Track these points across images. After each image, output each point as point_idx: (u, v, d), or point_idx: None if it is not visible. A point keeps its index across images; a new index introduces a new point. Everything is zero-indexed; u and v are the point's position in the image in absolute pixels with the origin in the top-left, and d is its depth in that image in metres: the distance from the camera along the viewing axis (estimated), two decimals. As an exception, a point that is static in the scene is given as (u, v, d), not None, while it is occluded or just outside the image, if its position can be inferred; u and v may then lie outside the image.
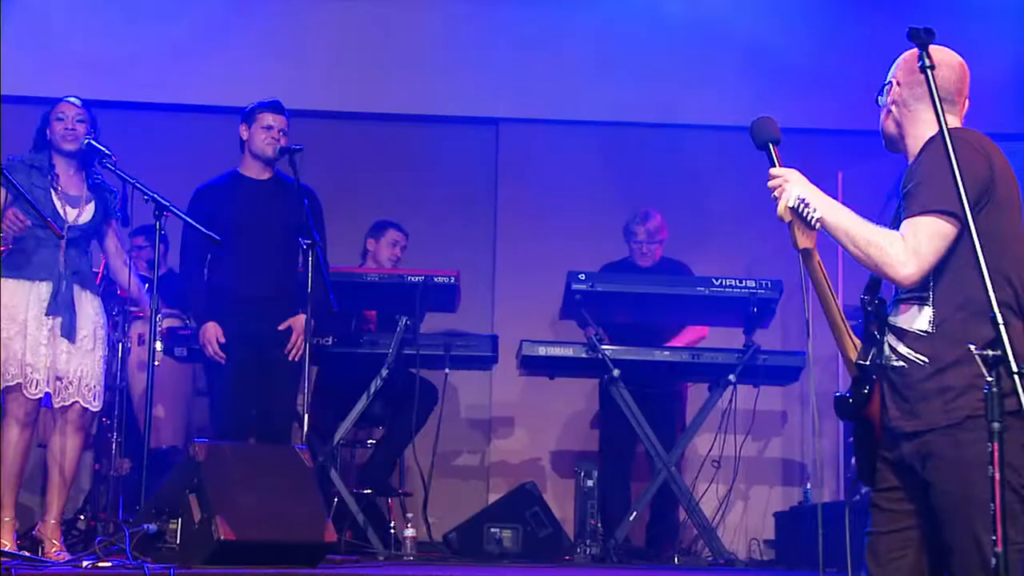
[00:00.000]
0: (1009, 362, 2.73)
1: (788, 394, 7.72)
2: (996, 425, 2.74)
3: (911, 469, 3.12)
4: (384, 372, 6.28)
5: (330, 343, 6.31)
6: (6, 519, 5.12)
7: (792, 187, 3.15)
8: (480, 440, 7.86)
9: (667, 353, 6.61)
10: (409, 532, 6.16)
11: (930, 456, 3.06)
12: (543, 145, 8.07)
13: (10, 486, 5.15)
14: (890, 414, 3.17)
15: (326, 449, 6.28)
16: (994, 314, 2.77)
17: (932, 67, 2.97)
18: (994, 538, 2.76)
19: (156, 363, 5.21)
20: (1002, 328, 2.77)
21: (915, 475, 3.11)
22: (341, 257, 6.71)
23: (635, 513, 6.53)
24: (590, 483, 6.43)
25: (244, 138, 5.96)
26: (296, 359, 5.76)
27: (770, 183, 3.19)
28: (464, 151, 8.13)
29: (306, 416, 5.48)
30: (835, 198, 3.19)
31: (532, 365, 6.59)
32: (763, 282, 6.42)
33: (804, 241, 3.17)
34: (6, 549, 4.96)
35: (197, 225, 5.31)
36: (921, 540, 3.17)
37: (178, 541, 4.58)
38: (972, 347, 2.89)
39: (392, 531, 6.36)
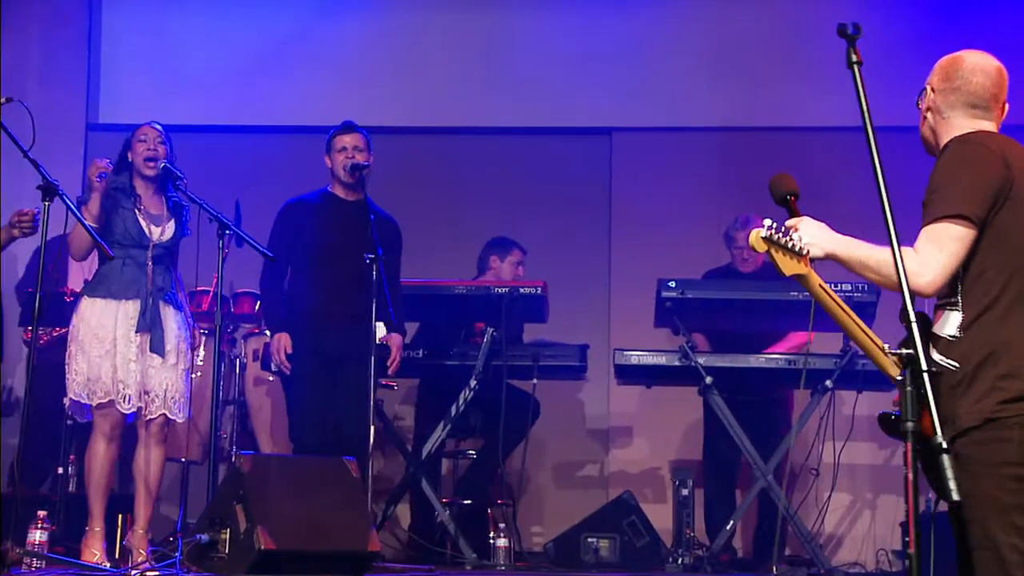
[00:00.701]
0: (921, 366, 2.72)
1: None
2: (910, 424, 2.73)
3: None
4: (473, 383, 6.24)
5: (420, 355, 6.33)
6: (96, 529, 5.27)
7: (804, 229, 3.11)
8: (599, 450, 7.74)
9: (762, 359, 6.38)
10: (501, 542, 6.05)
11: (958, 459, 2.90)
12: (656, 153, 7.92)
13: (98, 497, 5.28)
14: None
15: (418, 460, 6.30)
16: (906, 312, 2.78)
17: (859, 63, 2.95)
18: (1014, 540, 2.89)
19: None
20: (914, 327, 2.76)
21: None
22: (459, 270, 6.82)
23: (732, 523, 6.32)
24: (685, 492, 6.25)
25: (328, 166, 6.00)
26: (392, 373, 5.80)
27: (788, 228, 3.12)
28: (578, 161, 8.05)
29: (372, 428, 5.46)
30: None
31: (626, 374, 6.47)
32: (859, 285, 6.12)
33: (790, 268, 3.09)
34: (96, 558, 5.12)
35: (253, 242, 5.35)
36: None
37: (226, 551, 4.63)
38: (886, 347, 2.97)
39: (492, 540, 6.23)
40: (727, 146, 7.95)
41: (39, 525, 5.06)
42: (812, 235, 3.13)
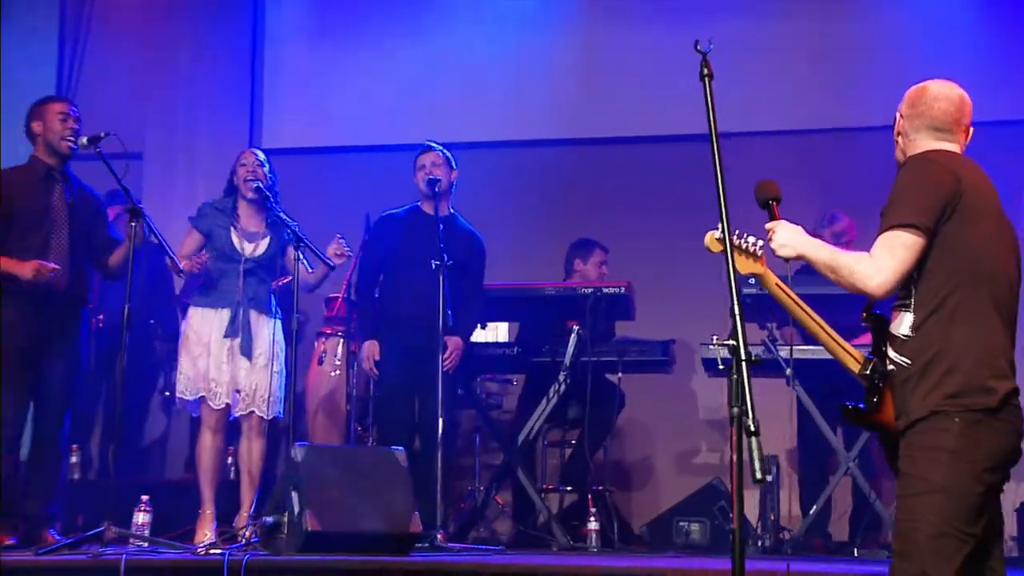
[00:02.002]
0: (741, 356, 2.84)
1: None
2: (735, 410, 2.80)
3: None
4: (562, 377, 6.33)
5: (515, 353, 6.47)
6: (207, 512, 5.57)
7: (781, 231, 3.29)
8: (718, 439, 7.67)
9: (837, 350, 6.21)
10: (592, 526, 6.09)
11: (906, 447, 3.12)
12: (768, 155, 7.70)
13: (208, 483, 5.59)
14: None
15: (513, 450, 6.45)
16: (734, 307, 2.90)
17: (710, 76, 3.12)
18: (931, 517, 2.98)
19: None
20: (738, 320, 2.89)
21: None
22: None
23: (815, 508, 6.20)
24: (768, 478, 6.21)
25: (416, 182, 6.15)
26: (450, 372, 5.87)
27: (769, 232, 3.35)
28: (690, 166, 7.96)
29: (440, 420, 5.59)
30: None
31: (712, 367, 6.40)
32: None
33: (745, 267, 3.31)
34: (207, 538, 5.39)
35: (318, 252, 5.53)
36: None
37: (285, 532, 4.82)
38: (715, 338, 3.29)
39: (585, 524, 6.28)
40: (809, 148, 7.81)
41: (142, 508, 5.46)
42: (787, 237, 3.30)
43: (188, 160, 8.10)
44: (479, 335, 6.68)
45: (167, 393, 6.98)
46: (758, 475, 2.73)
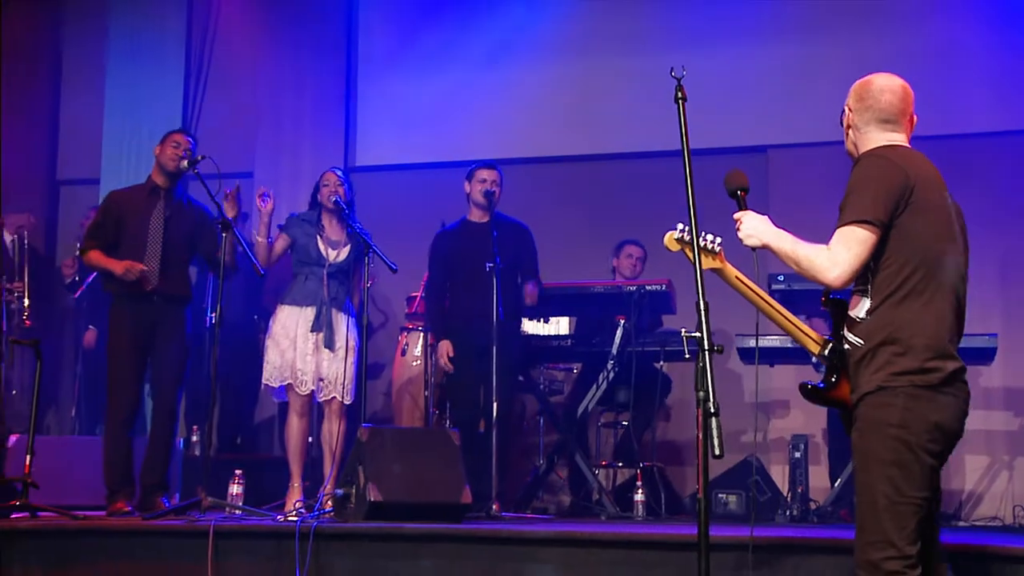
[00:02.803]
0: (705, 346, 2.99)
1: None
2: (701, 393, 2.91)
3: None
4: (610, 365, 6.36)
5: (569, 344, 6.52)
6: (295, 485, 5.72)
7: (747, 221, 3.28)
8: (761, 420, 7.59)
9: (858, 339, 6.14)
10: (638, 497, 6.12)
11: (856, 420, 3.13)
12: (811, 168, 7.60)
13: (296, 459, 5.72)
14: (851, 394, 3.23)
15: (567, 429, 6.50)
16: (699, 301, 3.03)
17: (683, 99, 3.20)
18: (886, 489, 2.99)
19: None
20: (702, 314, 3.02)
21: None
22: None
23: (839, 481, 6.14)
24: (797, 455, 6.24)
25: (467, 192, 6.19)
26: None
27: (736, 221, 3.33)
28: (716, 178, 7.87)
29: (495, 404, 5.65)
30: None
31: (748, 355, 6.38)
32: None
33: (706, 263, 3.28)
34: (295, 507, 5.48)
35: (385, 259, 5.61)
36: None
37: (353, 503, 4.97)
38: (684, 331, 3.12)
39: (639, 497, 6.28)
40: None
41: (236, 481, 5.64)
42: (753, 227, 3.28)
43: (292, 177, 8.25)
44: (542, 328, 6.74)
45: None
46: (716, 451, 2.78)
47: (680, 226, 3.27)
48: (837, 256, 3.06)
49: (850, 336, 3.16)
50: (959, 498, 6.87)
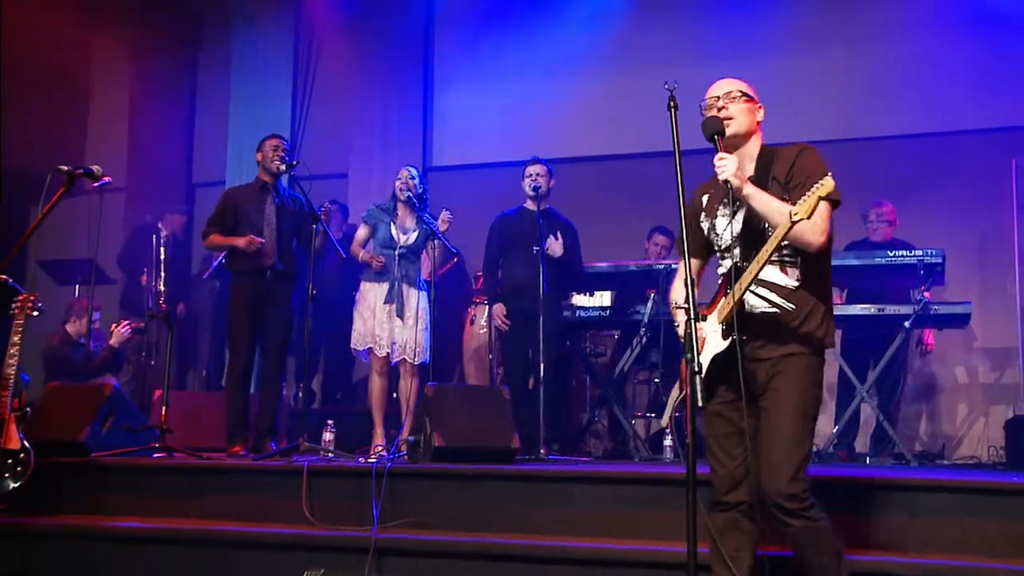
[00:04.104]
0: (692, 315, 2.90)
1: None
2: (688, 355, 2.89)
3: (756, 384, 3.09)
4: (642, 331, 6.32)
5: (608, 315, 6.52)
6: (378, 432, 5.78)
7: (732, 163, 3.09)
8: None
9: (859, 308, 6.01)
10: (667, 442, 6.10)
11: (782, 371, 3.04)
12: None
13: (378, 411, 5.80)
14: (750, 346, 3.09)
15: (607, 384, 6.49)
16: (687, 277, 2.92)
17: (675, 107, 3.08)
18: (810, 438, 3.05)
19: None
20: (690, 288, 2.91)
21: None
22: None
23: (837, 427, 6.07)
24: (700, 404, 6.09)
25: (523, 186, 6.17)
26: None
27: (716, 163, 3.12)
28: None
29: (542, 365, 5.65)
30: None
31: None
32: (929, 250, 5.72)
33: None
34: (379, 450, 5.58)
35: (448, 244, 5.67)
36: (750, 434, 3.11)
37: (421, 447, 5.04)
38: (674, 304, 3.19)
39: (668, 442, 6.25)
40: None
41: (328, 429, 5.74)
42: (733, 169, 3.07)
43: (381, 176, 8.29)
44: (587, 301, 6.73)
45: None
46: (700, 403, 2.76)
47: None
48: (823, 226, 2.99)
49: (778, 300, 3.08)
50: (944, 441, 6.73)
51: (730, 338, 3.05)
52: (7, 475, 4.67)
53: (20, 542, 4.60)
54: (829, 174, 2.90)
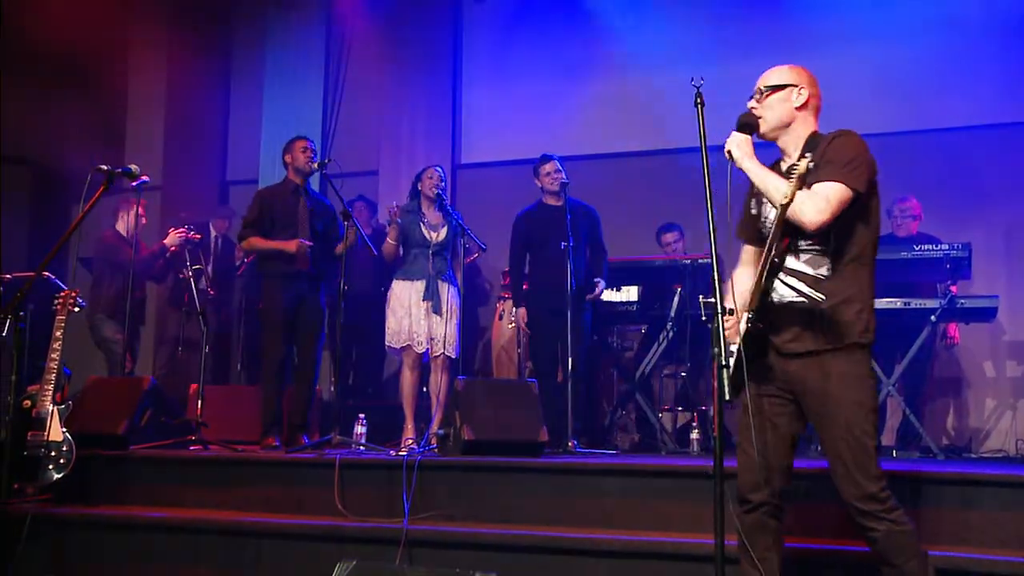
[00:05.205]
0: (718, 309, 2.87)
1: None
2: (715, 350, 2.81)
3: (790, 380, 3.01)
4: (669, 326, 6.30)
5: (635, 309, 6.49)
6: (409, 425, 5.80)
7: (734, 137, 3.04)
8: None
9: (885, 302, 5.92)
10: (694, 435, 6.06)
11: (820, 369, 2.95)
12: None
13: (409, 405, 5.81)
14: (780, 338, 3.02)
15: (634, 379, 6.47)
16: (713, 273, 2.91)
17: (702, 104, 3.03)
18: (872, 432, 2.92)
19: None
20: (717, 283, 2.90)
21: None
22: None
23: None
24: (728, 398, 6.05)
25: (538, 185, 6.14)
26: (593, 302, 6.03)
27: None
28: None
29: (570, 360, 5.65)
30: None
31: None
32: (955, 244, 5.64)
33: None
34: (410, 443, 5.62)
35: (476, 239, 5.70)
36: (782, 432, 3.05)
37: (451, 441, 5.05)
38: (701, 298, 2.97)
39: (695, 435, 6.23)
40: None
41: (360, 423, 5.75)
42: (737, 143, 3.03)
43: (410, 173, 8.26)
44: (614, 296, 6.71)
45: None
46: (726, 396, 2.74)
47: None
48: (821, 205, 2.87)
49: (807, 290, 2.98)
50: (971, 435, 6.66)
51: (747, 323, 2.97)
52: (51, 467, 4.76)
53: (62, 531, 4.67)
54: (808, 156, 2.88)
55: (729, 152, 3.01)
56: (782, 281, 3.03)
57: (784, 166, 3.09)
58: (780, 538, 3.11)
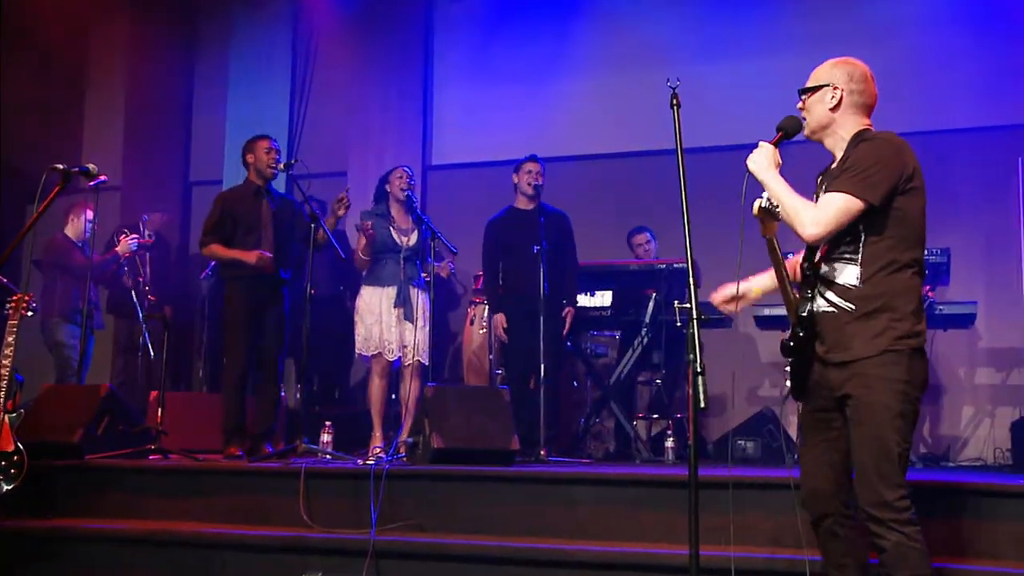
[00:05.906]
0: (693, 315, 2.90)
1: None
2: (690, 356, 2.87)
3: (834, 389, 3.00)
4: (644, 331, 6.28)
5: (609, 315, 6.48)
6: (376, 434, 5.76)
7: (757, 153, 3.00)
8: (779, 377, 7.45)
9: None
10: (669, 443, 6.05)
11: (855, 377, 2.93)
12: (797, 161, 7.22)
13: (377, 413, 5.76)
14: (821, 348, 3.03)
15: (607, 386, 6.44)
16: (689, 279, 2.93)
17: (678, 105, 3.05)
18: (897, 437, 2.85)
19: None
20: (692, 289, 2.94)
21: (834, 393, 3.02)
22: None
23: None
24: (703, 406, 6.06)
25: (515, 183, 6.10)
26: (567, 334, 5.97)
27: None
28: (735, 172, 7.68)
29: (542, 366, 5.61)
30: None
31: (764, 323, 6.26)
32: (934, 250, 5.66)
33: (768, 232, 3.03)
34: (378, 451, 5.55)
35: (446, 242, 5.65)
36: (839, 442, 3.04)
37: (420, 449, 4.99)
38: (676, 303, 3.04)
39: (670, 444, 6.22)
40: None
41: (326, 430, 5.69)
42: (758, 159, 3.02)
43: (379, 175, 8.28)
44: (587, 300, 6.69)
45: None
46: (702, 404, 2.73)
47: (766, 195, 2.99)
48: (821, 217, 2.89)
49: (837, 300, 2.97)
50: (948, 443, 6.70)
51: (789, 335, 3.04)
52: (0, 478, 4.64)
53: (13, 545, 4.56)
54: (761, 197, 2.94)
55: (748, 166, 3.02)
56: (819, 291, 3.04)
57: (750, 163, 3.07)
58: (858, 547, 3.08)
